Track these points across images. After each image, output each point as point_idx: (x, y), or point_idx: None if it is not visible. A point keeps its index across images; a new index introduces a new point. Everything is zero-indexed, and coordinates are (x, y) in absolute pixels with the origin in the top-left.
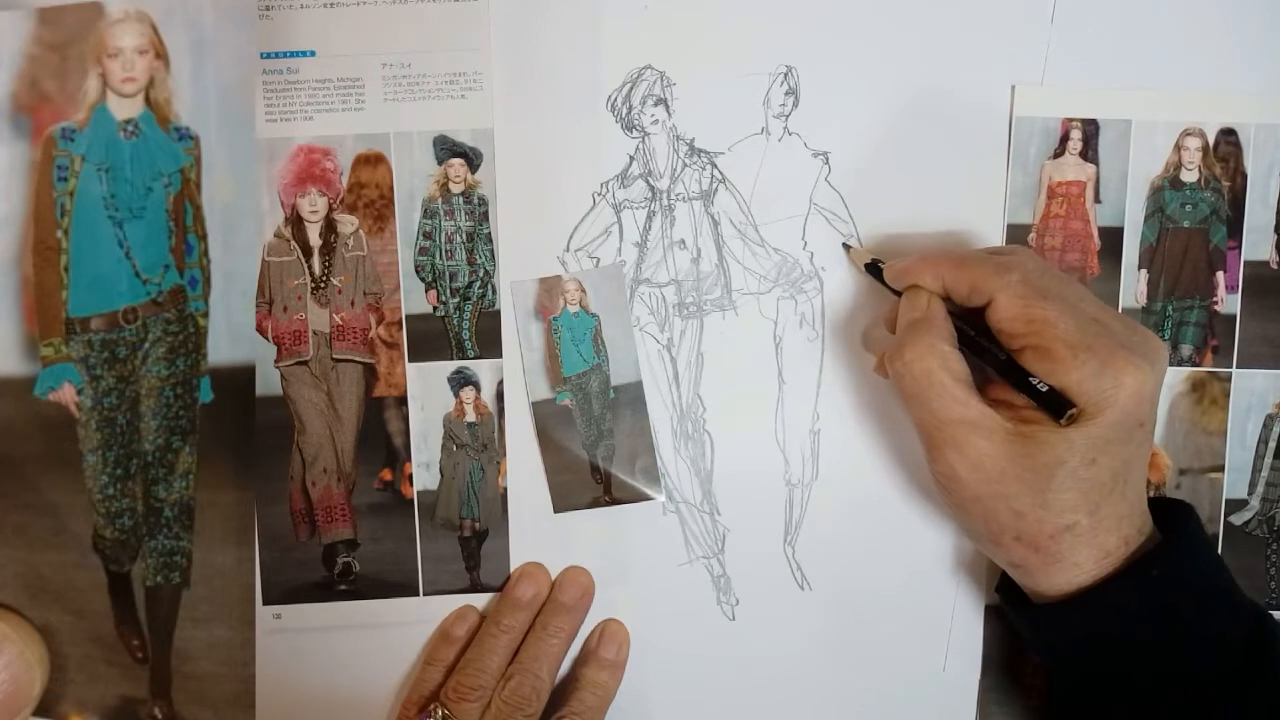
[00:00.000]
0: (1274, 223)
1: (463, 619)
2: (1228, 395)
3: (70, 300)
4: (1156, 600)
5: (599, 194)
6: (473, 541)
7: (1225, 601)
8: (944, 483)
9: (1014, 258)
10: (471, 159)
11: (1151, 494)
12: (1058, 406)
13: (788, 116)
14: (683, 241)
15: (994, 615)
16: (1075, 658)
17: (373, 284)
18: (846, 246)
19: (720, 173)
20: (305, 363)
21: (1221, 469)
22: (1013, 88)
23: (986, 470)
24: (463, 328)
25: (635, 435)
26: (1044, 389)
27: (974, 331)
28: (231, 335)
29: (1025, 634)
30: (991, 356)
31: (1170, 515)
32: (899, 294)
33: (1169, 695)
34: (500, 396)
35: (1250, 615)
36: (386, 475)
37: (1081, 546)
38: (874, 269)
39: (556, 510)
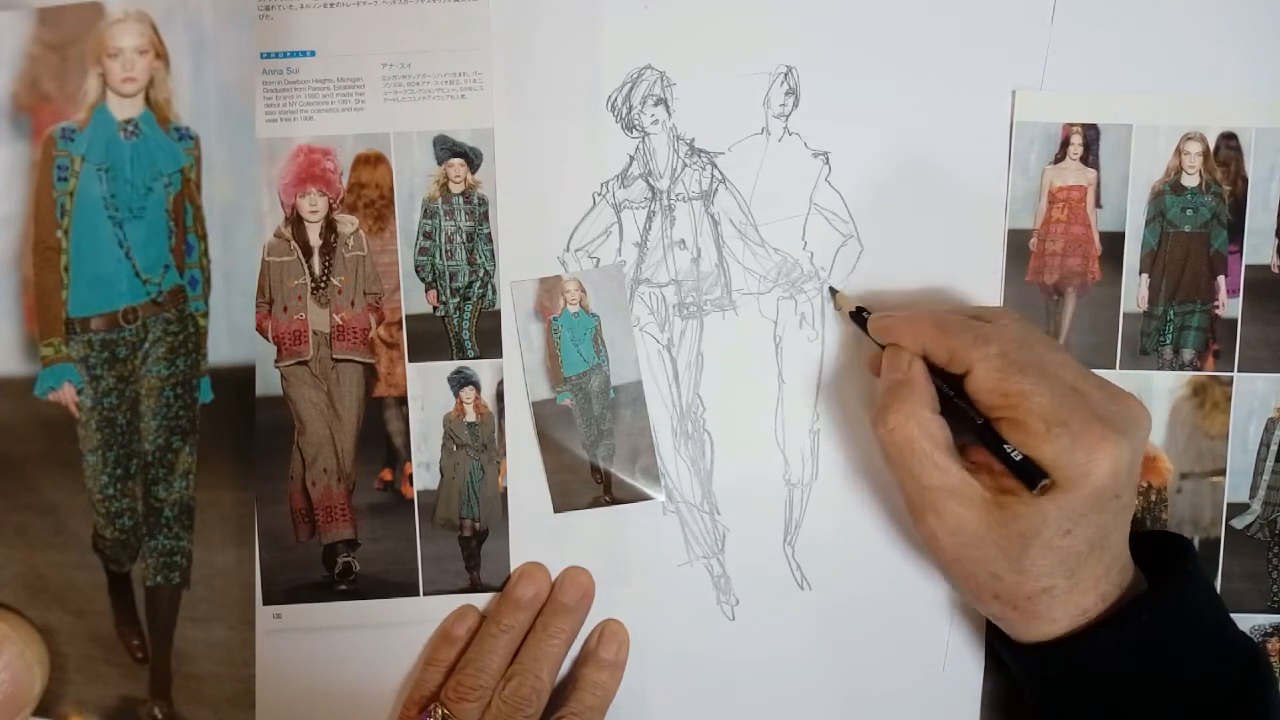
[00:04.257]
0: (1275, 227)
1: (463, 619)
2: (1229, 399)
3: (70, 300)
4: (1145, 642)
5: (599, 194)
6: (473, 541)
7: (1217, 643)
8: (926, 542)
9: (994, 327)
10: (471, 159)
11: (1153, 498)
12: (1031, 476)
13: (788, 116)
14: (683, 241)
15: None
16: (1064, 696)
17: (373, 284)
18: (833, 291)
19: (720, 173)
20: (305, 363)
21: (1223, 473)
22: (1013, 93)
23: (965, 535)
24: (463, 328)
25: (635, 435)
26: (1018, 458)
27: (954, 394)
28: (231, 335)
29: (1015, 670)
30: (969, 421)
31: (1168, 552)
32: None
33: None
34: (500, 396)
35: (1243, 657)
36: (386, 475)
37: (1059, 606)
38: (859, 318)
39: (556, 510)
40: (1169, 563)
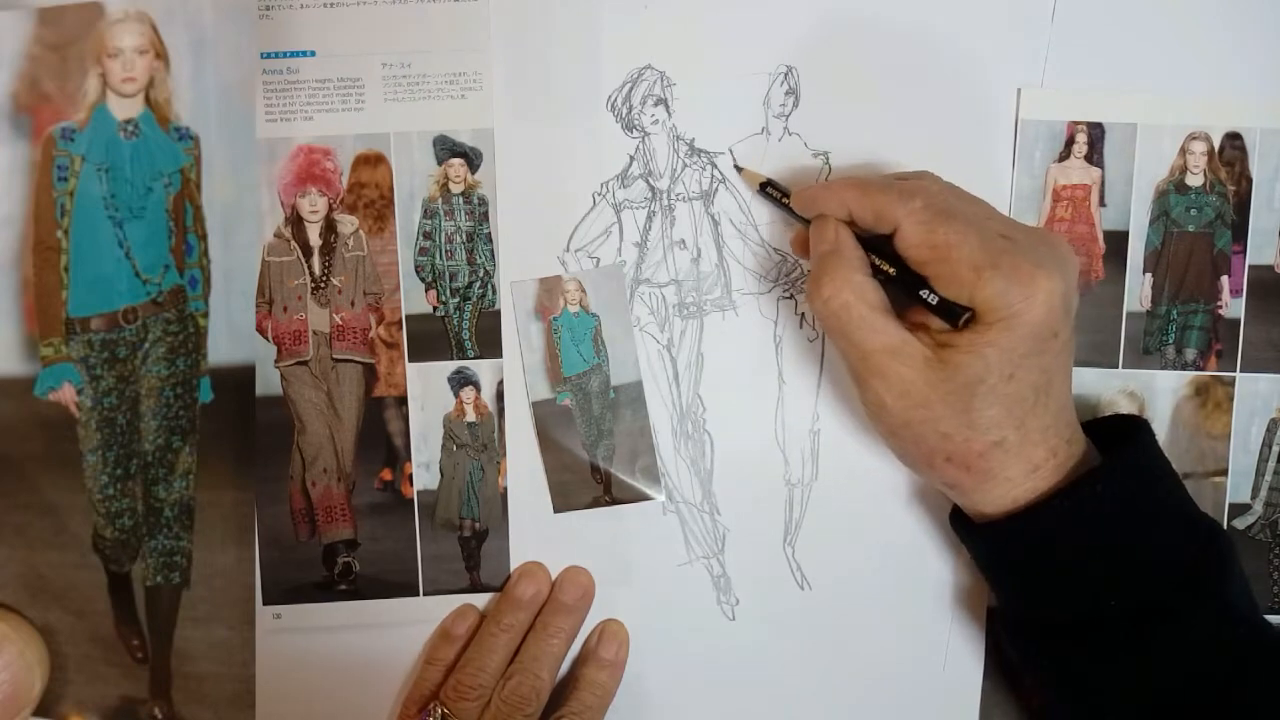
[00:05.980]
0: (1279, 227)
1: (463, 618)
2: (1231, 399)
3: (70, 300)
4: (1101, 514)
5: (599, 194)
6: (473, 541)
7: (1175, 519)
8: (873, 411)
9: (918, 182)
10: (471, 159)
11: None
12: (952, 314)
13: (788, 116)
14: (683, 241)
15: (995, 616)
16: (1021, 574)
17: (373, 284)
18: (739, 169)
19: (720, 173)
20: (305, 363)
21: (1225, 473)
22: (1018, 90)
23: (912, 396)
24: (463, 328)
25: (635, 435)
26: (934, 301)
27: (877, 256)
28: (231, 335)
29: (978, 558)
30: (888, 277)
31: (1125, 433)
32: (805, 221)
33: (1110, 613)
34: (500, 396)
35: (1203, 534)
36: (386, 475)
37: (1011, 461)
38: (769, 194)
39: (556, 510)
40: (1124, 442)
